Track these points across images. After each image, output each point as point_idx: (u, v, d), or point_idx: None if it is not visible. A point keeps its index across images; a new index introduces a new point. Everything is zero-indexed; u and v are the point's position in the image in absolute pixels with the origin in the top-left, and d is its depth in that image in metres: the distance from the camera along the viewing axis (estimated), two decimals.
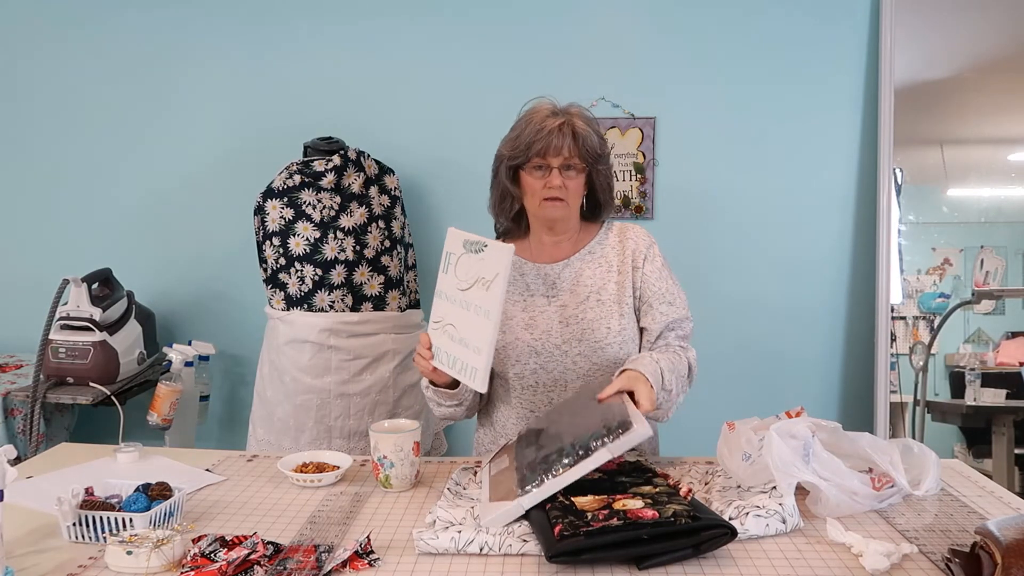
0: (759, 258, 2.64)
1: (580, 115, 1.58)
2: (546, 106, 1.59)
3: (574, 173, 1.56)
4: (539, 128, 1.54)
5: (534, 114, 1.58)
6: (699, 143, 2.60)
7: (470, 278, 1.42)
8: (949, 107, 2.59)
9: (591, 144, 1.56)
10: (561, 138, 1.53)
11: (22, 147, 2.78)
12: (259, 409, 2.35)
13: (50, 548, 1.20)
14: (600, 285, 1.61)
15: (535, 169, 1.56)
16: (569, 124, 1.55)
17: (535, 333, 1.59)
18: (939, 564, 1.12)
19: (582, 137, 1.54)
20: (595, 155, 1.57)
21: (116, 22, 2.70)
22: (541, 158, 1.54)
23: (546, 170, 1.55)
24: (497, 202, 1.66)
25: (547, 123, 1.54)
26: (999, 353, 2.60)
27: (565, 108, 1.59)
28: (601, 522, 1.13)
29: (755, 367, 2.65)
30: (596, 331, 1.58)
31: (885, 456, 1.36)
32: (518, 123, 1.60)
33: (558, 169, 1.54)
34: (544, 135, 1.53)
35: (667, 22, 2.58)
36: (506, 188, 1.62)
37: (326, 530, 1.27)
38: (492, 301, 1.36)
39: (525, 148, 1.54)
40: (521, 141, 1.55)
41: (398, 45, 2.64)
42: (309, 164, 2.31)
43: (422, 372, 1.54)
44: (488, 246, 1.41)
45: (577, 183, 1.58)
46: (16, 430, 2.33)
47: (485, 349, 1.36)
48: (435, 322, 1.51)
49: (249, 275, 2.48)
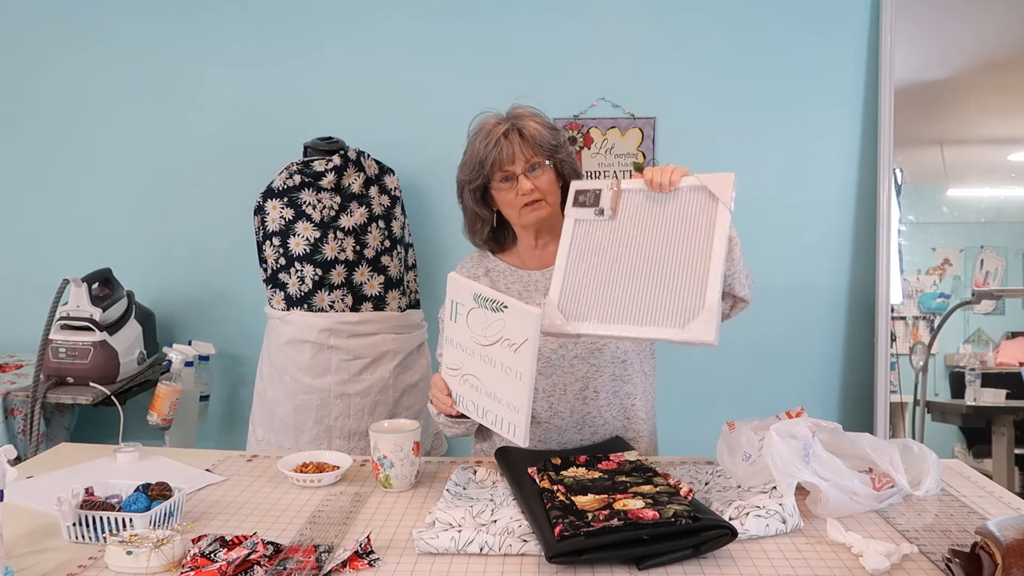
0: (759, 258, 2.62)
1: (524, 115, 1.57)
2: (488, 119, 1.58)
3: (539, 171, 1.55)
4: (486, 142, 1.53)
5: (479, 131, 1.57)
6: (699, 143, 2.60)
7: (491, 335, 1.37)
8: (949, 107, 2.59)
9: (542, 138, 1.55)
10: (510, 145, 1.52)
11: (22, 147, 2.77)
12: (259, 409, 2.35)
13: (50, 548, 1.20)
14: None
15: (501, 182, 1.55)
16: (514, 127, 1.54)
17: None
18: (939, 564, 1.12)
19: (530, 134, 1.54)
20: (551, 146, 1.56)
21: (116, 23, 2.70)
22: (501, 170, 1.54)
23: (512, 179, 1.54)
24: (469, 227, 1.67)
25: (492, 134, 1.53)
26: (999, 353, 2.60)
27: (509, 114, 1.59)
28: (601, 522, 1.13)
29: (755, 367, 2.65)
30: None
31: (885, 456, 1.37)
32: (468, 146, 1.59)
33: (523, 174, 1.54)
34: (493, 146, 1.52)
35: (667, 22, 2.58)
36: (474, 212, 1.62)
37: (326, 530, 1.27)
38: (524, 364, 1.32)
39: (479, 165, 1.54)
40: (475, 160, 1.55)
41: (398, 45, 2.64)
42: (309, 164, 2.31)
43: (442, 411, 1.50)
44: (509, 307, 1.35)
45: (548, 178, 1.56)
46: (16, 430, 2.33)
47: (523, 409, 1.33)
48: (451, 369, 1.47)
49: (249, 275, 2.48)
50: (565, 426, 1.60)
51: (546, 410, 1.60)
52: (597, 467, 1.39)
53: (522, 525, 1.22)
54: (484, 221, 1.64)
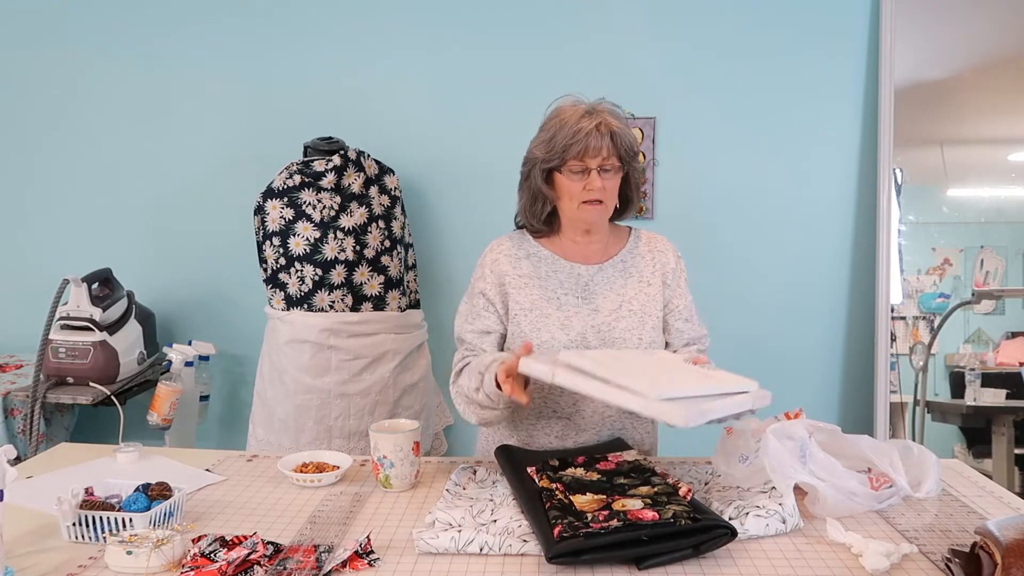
0: (759, 258, 2.64)
1: (612, 112, 1.54)
2: (577, 106, 1.54)
3: (612, 173, 1.53)
4: (575, 129, 1.49)
5: (566, 114, 1.53)
6: (699, 143, 2.60)
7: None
8: (949, 107, 2.59)
9: (628, 143, 1.53)
10: (599, 139, 1.49)
11: (22, 147, 2.77)
12: (259, 409, 2.36)
13: (50, 548, 1.20)
14: (631, 295, 1.60)
15: (573, 172, 1.52)
16: (605, 124, 1.50)
17: (571, 335, 1.56)
18: (939, 564, 1.13)
19: (619, 136, 1.51)
20: (632, 153, 1.54)
21: (116, 23, 2.70)
22: (579, 160, 1.51)
23: (585, 172, 1.52)
24: (527, 205, 1.62)
25: (582, 124, 1.49)
26: (999, 353, 2.60)
27: (595, 106, 1.54)
28: (601, 523, 1.13)
29: (755, 367, 2.60)
30: (628, 341, 1.57)
31: (885, 458, 1.37)
32: (549, 124, 1.55)
33: (596, 171, 1.51)
34: (582, 137, 1.49)
35: (667, 22, 2.58)
36: (539, 190, 1.58)
37: (326, 530, 1.27)
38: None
39: (561, 151, 1.50)
40: (557, 143, 1.51)
41: (398, 45, 2.64)
42: (309, 164, 2.31)
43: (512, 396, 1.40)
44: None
45: (614, 183, 1.55)
46: (16, 430, 2.33)
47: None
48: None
49: (249, 275, 2.48)
50: (586, 425, 1.60)
51: (570, 406, 1.59)
52: (595, 467, 1.39)
53: (522, 525, 1.22)
54: (547, 201, 1.59)
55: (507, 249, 1.64)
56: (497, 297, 1.61)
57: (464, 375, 1.57)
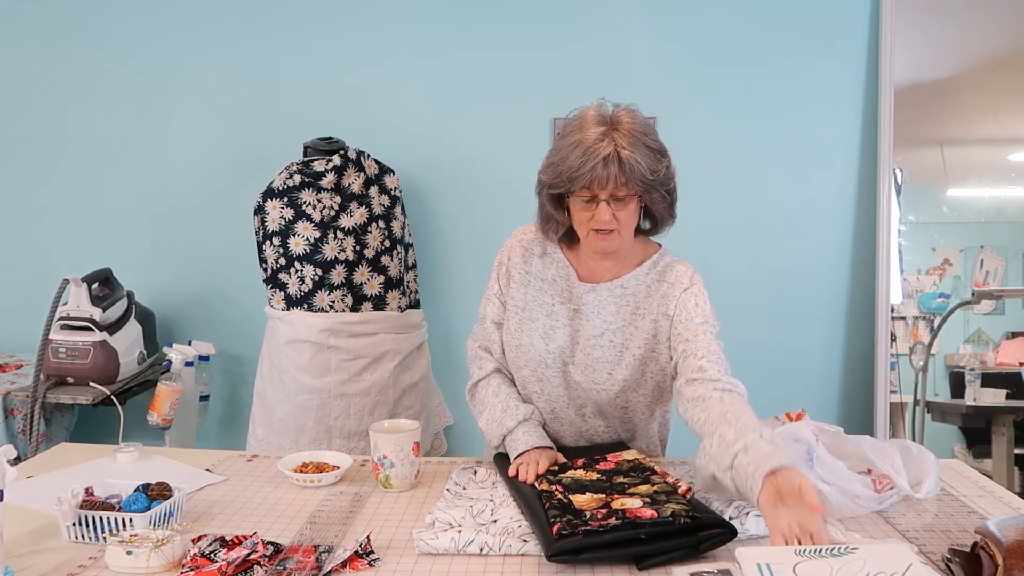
0: (759, 258, 2.64)
1: (630, 132, 1.38)
2: (591, 128, 1.39)
3: (625, 201, 1.41)
4: (582, 160, 1.37)
5: (578, 136, 1.39)
6: (699, 143, 2.60)
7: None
8: (949, 107, 2.59)
9: (640, 172, 1.37)
10: (606, 169, 1.36)
11: (22, 147, 2.77)
12: (259, 409, 2.35)
13: (50, 548, 1.20)
14: (619, 326, 1.51)
15: (582, 200, 1.42)
16: (615, 153, 1.36)
17: (550, 346, 1.53)
18: (939, 564, 1.12)
19: (629, 165, 1.36)
20: (646, 182, 1.39)
21: (116, 22, 2.70)
22: (587, 189, 1.40)
23: (593, 201, 1.41)
24: (542, 223, 1.55)
25: (592, 151, 1.36)
26: (999, 353, 2.60)
27: (615, 123, 1.40)
28: (599, 521, 1.13)
29: (755, 367, 2.61)
30: (598, 372, 1.50)
31: (886, 459, 1.37)
32: (563, 143, 1.42)
33: (606, 201, 1.40)
34: (588, 168, 1.36)
35: (667, 22, 2.58)
36: (550, 214, 1.50)
37: (326, 530, 1.27)
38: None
39: (568, 180, 1.39)
40: (564, 169, 1.39)
41: (398, 46, 2.64)
42: (309, 164, 2.31)
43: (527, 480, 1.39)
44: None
45: (629, 211, 1.43)
46: (16, 430, 2.33)
47: None
48: None
49: (249, 275, 2.48)
50: (564, 432, 1.60)
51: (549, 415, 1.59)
52: (595, 468, 1.39)
53: (522, 525, 1.22)
54: (559, 224, 1.51)
55: (526, 242, 1.60)
56: (503, 286, 1.61)
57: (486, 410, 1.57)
